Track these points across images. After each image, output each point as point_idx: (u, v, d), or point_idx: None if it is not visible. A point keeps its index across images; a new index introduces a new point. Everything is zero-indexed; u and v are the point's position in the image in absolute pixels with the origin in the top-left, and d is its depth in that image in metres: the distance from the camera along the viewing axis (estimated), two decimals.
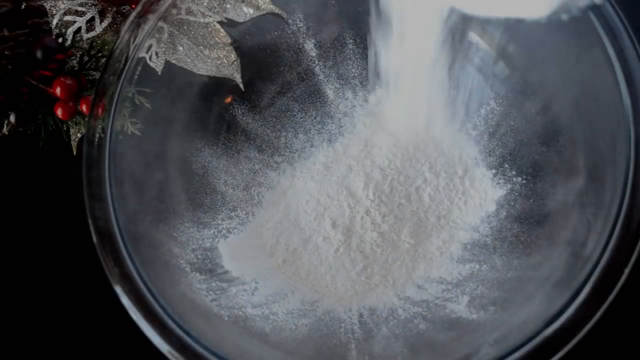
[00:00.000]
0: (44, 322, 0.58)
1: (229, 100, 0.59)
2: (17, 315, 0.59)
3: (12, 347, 0.58)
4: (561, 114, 0.53)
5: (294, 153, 0.58)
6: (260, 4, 0.58)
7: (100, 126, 0.50)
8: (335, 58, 0.61)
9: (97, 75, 0.57)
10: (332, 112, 0.60)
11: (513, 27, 0.56)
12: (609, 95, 0.47)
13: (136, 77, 0.52)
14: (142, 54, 0.53)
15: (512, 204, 0.54)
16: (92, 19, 0.62)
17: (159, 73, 0.54)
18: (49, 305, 0.59)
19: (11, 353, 0.58)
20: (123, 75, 0.51)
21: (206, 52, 0.57)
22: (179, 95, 0.56)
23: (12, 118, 0.57)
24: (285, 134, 0.59)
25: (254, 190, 0.58)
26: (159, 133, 0.55)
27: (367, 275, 0.53)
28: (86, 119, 0.51)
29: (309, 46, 0.60)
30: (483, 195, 0.55)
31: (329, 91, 0.60)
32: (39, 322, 0.58)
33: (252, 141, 0.59)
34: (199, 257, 0.52)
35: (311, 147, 0.59)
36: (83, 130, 0.58)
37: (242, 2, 0.58)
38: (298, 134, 0.59)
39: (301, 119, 0.60)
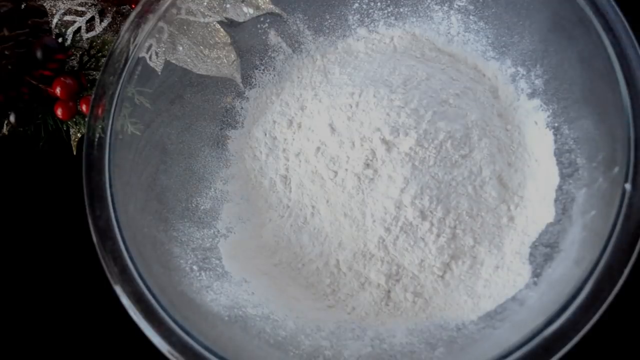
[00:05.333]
0: (44, 322, 0.58)
1: (229, 99, 0.59)
2: (17, 315, 0.59)
3: (12, 347, 0.58)
4: (561, 114, 0.53)
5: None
6: (260, 4, 0.58)
7: (100, 126, 0.50)
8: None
9: (97, 75, 0.57)
10: None
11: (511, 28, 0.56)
12: (609, 95, 0.47)
13: (136, 77, 0.52)
14: (142, 53, 0.53)
15: None
16: (92, 19, 0.63)
17: (159, 73, 0.54)
18: (49, 305, 0.59)
19: (11, 353, 0.58)
20: (123, 75, 0.51)
21: (206, 51, 0.57)
22: (179, 95, 0.56)
23: (12, 118, 0.57)
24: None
25: (255, 190, 0.58)
26: (158, 133, 0.55)
27: (368, 281, 0.53)
28: (86, 119, 0.51)
29: (309, 46, 0.60)
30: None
31: None
32: (39, 322, 0.58)
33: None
34: (199, 257, 0.52)
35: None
36: (83, 130, 0.58)
37: (242, 2, 0.58)
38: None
39: None
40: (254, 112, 0.60)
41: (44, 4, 0.61)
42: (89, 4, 0.63)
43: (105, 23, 0.62)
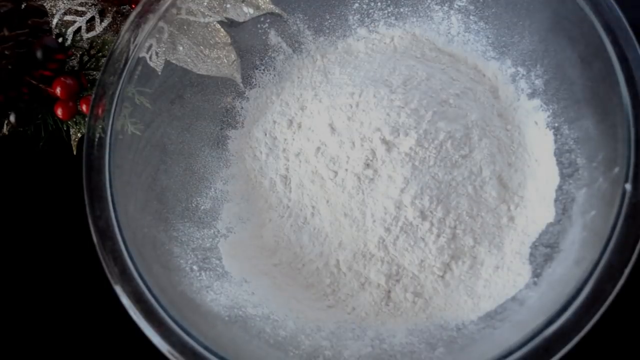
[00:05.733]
0: (44, 322, 0.58)
1: (229, 99, 0.59)
2: (17, 315, 0.59)
3: (12, 347, 0.58)
4: (561, 114, 0.53)
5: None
6: (260, 4, 0.58)
7: (100, 126, 0.50)
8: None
9: (97, 75, 0.57)
10: None
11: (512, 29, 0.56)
12: (609, 95, 0.47)
13: (136, 77, 0.52)
14: (142, 53, 0.53)
15: None
16: (92, 18, 0.63)
17: (159, 73, 0.54)
18: (49, 305, 0.59)
19: (11, 353, 0.58)
20: (123, 75, 0.51)
21: (206, 51, 0.57)
22: (179, 95, 0.56)
23: (12, 118, 0.57)
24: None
25: (255, 190, 0.58)
26: (158, 133, 0.55)
27: (368, 281, 0.53)
28: (86, 119, 0.51)
29: (309, 46, 0.60)
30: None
31: None
32: (39, 322, 0.58)
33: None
34: (199, 256, 0.52)
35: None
36: (83, 130, 0.58)
37: (242, 2, 0.58)
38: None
39: None
40: (254, 112, 0.60)
41: (44, 4, 0.61)
42: (89, 4, 0.63)
43: (105, 23, 0.62)
